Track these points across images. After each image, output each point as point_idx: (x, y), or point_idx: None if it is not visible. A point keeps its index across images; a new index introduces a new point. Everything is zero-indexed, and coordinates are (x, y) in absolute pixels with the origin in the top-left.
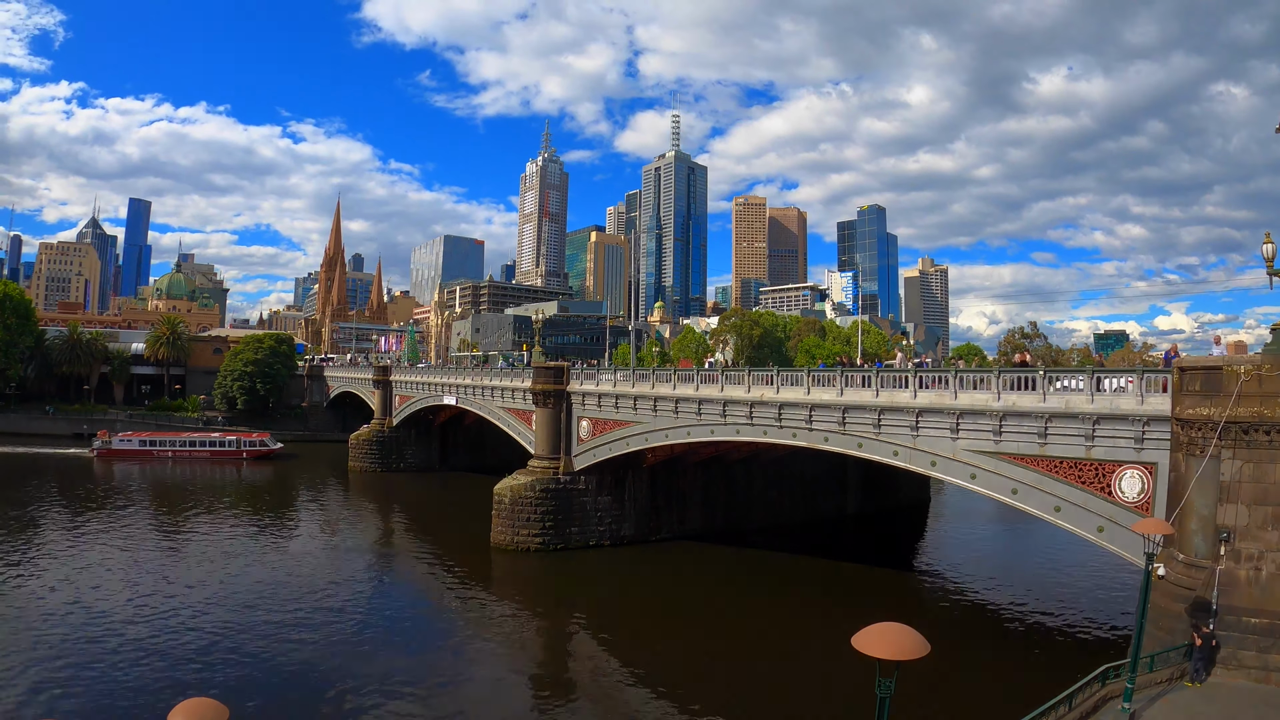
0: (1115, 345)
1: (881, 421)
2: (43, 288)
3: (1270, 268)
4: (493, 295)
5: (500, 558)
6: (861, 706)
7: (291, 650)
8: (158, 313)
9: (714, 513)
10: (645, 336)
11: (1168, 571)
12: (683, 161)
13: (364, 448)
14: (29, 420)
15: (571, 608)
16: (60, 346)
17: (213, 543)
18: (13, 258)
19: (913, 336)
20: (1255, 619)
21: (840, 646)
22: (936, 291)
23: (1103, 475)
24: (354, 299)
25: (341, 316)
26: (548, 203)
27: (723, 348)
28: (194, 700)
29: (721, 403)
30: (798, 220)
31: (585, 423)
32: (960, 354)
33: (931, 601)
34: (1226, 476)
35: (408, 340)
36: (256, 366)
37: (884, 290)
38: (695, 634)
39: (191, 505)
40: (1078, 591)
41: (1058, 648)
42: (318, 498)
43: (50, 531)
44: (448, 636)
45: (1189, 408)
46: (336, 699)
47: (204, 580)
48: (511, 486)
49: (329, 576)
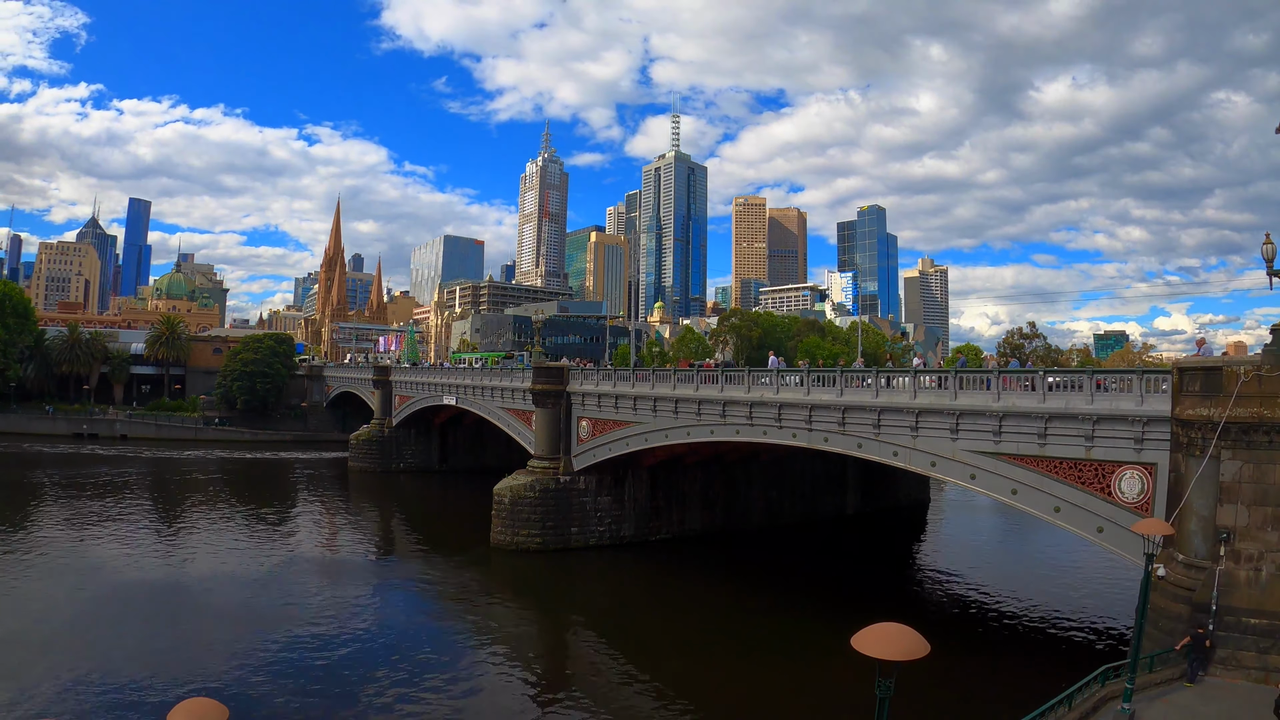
0: (1115, 346)
1: (881, 422)
2: (42, 287)
3: (1270, 268)
4: (493, 295)
5: (500, 558)
6: (861, 707)
7: (290, 650)
8: (157, 312)
9: (714, 513)
10: (645, 337)
11: (1167, 572)
12: (683, 162)
13: (364, 448)
14: (29, 420)
15: (571, 608)
16: (60, 346)
17: (211, 542)
18: (12, 257)
19: (912, 337)
20: (1255, 619)
21: (840, 646)
22: (936, 292)
23: (1102, 476)
24: (354, 299)
25: (341, 316)
26: (548, 203)
27: (722, 348)
28: (194, 700)
29: (721, 403)
30: (798, 221)
31: (585, 423)
32: (960, 354)
33: (931, 601)
34: (1226, 477)
35: (407, 340)
36: (256, 366)
37: (884, 291)
38: (694, 634)
39: (190, 504)
40: (1077, 592)
41: (1057, 648)
42: (317, 497)
43: (48, 529)
44: (447, 636)
45: (1189, 408)
46: (336, 699)
47: (202, 580)
48: (511, 486)
49: (328, 576)
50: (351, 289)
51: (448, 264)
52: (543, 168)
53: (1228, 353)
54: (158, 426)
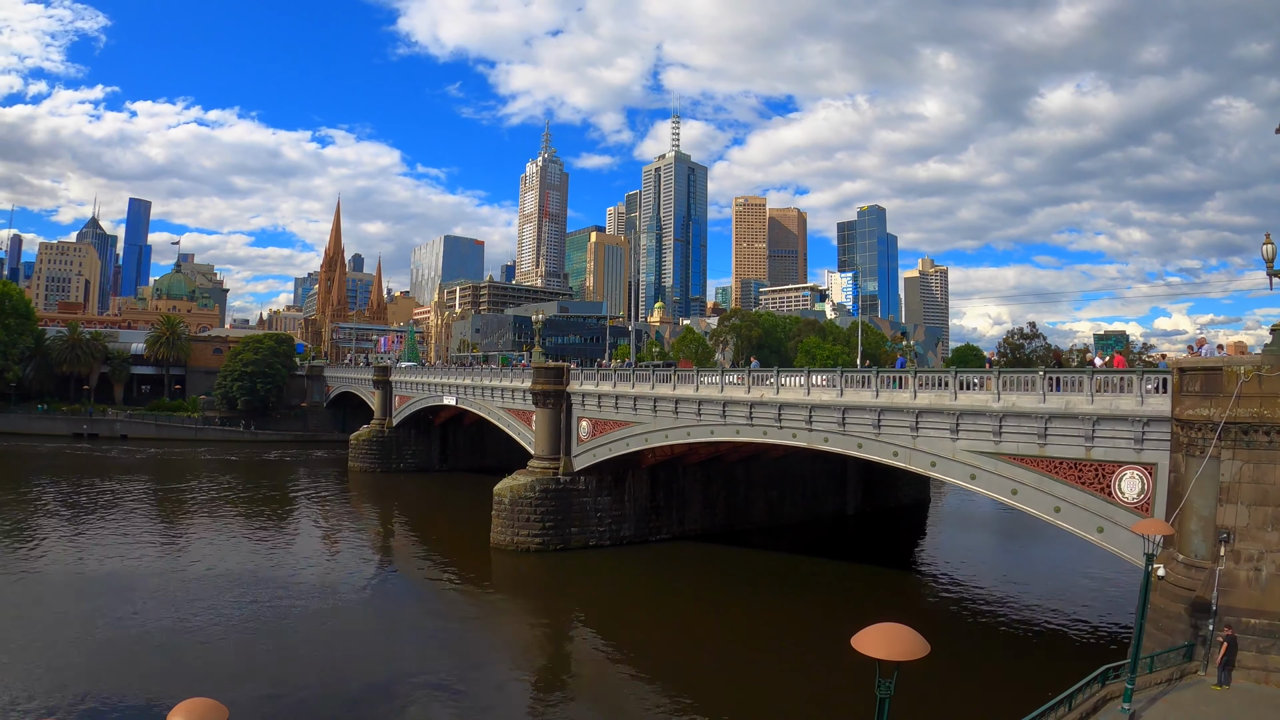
0: (1115, 345)
1: (881, 422)
2: (42, 288)
3: (1270, 268)
4: (492, 296)
5: (500, 558)
6: (862, 707)
7: (290, 650)
8: (157, 313)
9: (714, 513)
10: (645, 337)
11: (1167, 572)
12: (683, 162)
13: (364, 448)
14: (29, 420)
15: (571, 608)
16: (60, 346)
17: (211, 542)
18: (12, 257)
19: (913, 337)
20: (1255, 620)
21: (840, 647)
22: (936, 292)
23: (1102, 476)
24: (354, 299)
25: (341, 317)
26: (548, 203)
27: (723, 348)
28: (193, 700)
29: (721, 403)
30: (798, 221)
31: (585, 423)
32: (960, 354)
33: (931, 602)
34: (1226, 477)
35: (407, 341)
36: (256, 366)
37: (884, 291)
38: (695, 634)
39: (190, 504)
40: (1077, 592)
41: (1057, 648)
42: (318, 498)
43: (48, 530)
44: (447, 637)
45: (1189, 408)
46: (336, 699)
47: (203, 579)
48: (511, 487)
49: (328, 577)
50: (352, 289)
51: (448, 264)
52: (543, 168)
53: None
54: (158, 426)
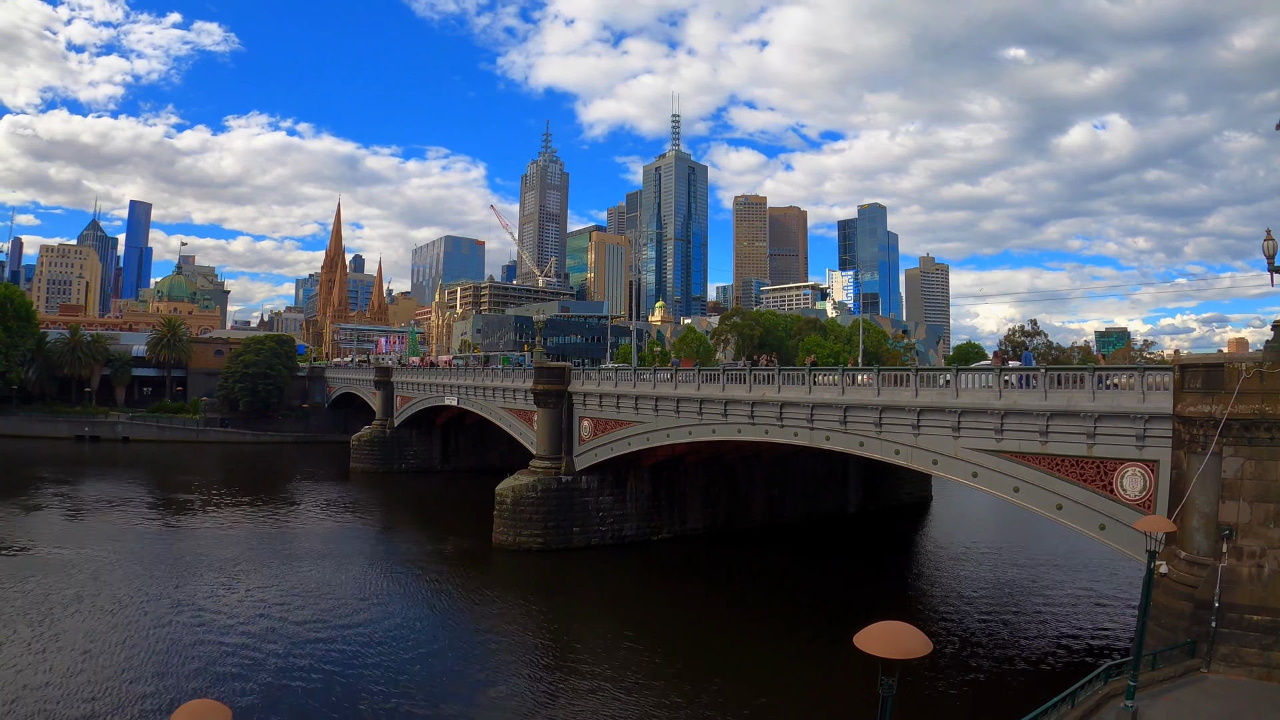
0: (1116, 343)
1: (883, 420)
2: (44, 290)
3: (1271, 264)
4: (494, 296)
5: (502, 558)
6: (863, 706)
7: (292, 651)
8: (159, 315)
9: (715, 512)
10: (646, 336)
11: (1170, 569)
12: (683, 161)
13: (365, 448)
14: (30, 422)
15: (573, 608)
16: (61, 349)
17: (212, 543)
18: (13, 260)
19: (914, 334)
20: (1258, 616)
21: (842, 645)
22: (937, 290)
23: (1104, 473)
24: (355, 300)
25: (342, 317)
26: (548, 203)
27: (724, 347)
28: (196, 701)
29: (723, 402)
30: (798, 220)
31: (586, 423)
32: (961, 352)
33: (933, 600)
34: (1228, 473)
35: (409, 341)
36: (258, 368)
37: (885, 289)
38: (697, 633)
39: (191, 505)
40: (1080, 589)
41: (1060, 646)
42: (319, 499)
43: (48, 531)
44: (449, 637)
45: (1190, 405)
46: (337, 699)
47: (203, 580)
48: (513, 486)
49: (329, 577)
50: (352, 290)
51: (448, 264)
52: (543, 168)
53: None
54: (159, 428)
